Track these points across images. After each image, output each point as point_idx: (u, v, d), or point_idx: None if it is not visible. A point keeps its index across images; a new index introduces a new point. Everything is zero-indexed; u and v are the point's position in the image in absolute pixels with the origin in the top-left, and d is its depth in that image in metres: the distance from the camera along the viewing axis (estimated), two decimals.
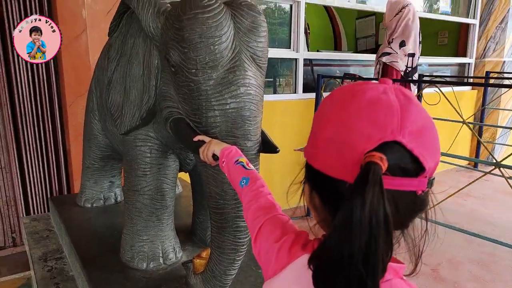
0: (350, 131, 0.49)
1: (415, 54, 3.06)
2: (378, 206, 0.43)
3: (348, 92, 0.53)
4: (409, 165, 0.48)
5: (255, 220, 0.68)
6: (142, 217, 1.27)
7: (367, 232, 0.43)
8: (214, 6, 0.96)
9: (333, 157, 0.50)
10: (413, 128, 0.48)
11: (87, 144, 1.72)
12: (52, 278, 1.43)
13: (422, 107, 0.51)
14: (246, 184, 0.76)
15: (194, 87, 0.98)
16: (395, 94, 0.50)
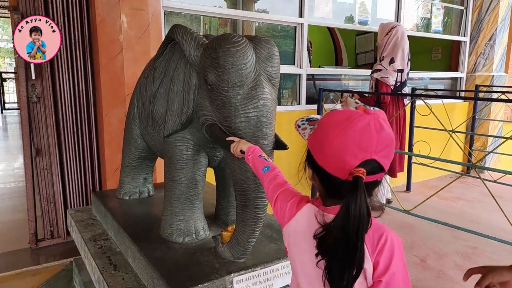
0: (346, 151, 0.78)
1: (403, 70, 3.41)
2: (363, 204, 0.75)
3: (346, 118, 0.79)
4: (376, 169, 0.80)
5: (274, 192, 1.02)
6: (180, 202, 1.62)
7: (358, 219, 0.74)
8: (241, 42, 1.32)
9: (332, 164, 0.81)
10: (381, 147, 0.78)
11: (127, 146, 2.08)
12: (103, 253, 1.77)
13: (389, 130, 0.81)
14: (267, 170, 1.11)
15: (226, 100, 1.34)
16: (374, 124, 0.78)
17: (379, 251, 0.77)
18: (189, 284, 1.30)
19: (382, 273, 0.77)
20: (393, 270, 0.77)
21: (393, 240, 0.79)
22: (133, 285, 1.50)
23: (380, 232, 0.79)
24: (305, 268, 0.87)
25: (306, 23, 3.57)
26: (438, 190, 2.75)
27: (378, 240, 0.78)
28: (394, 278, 0.77)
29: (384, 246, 0.77)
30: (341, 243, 0.74)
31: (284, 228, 0.94)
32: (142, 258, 1.50)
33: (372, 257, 0.77)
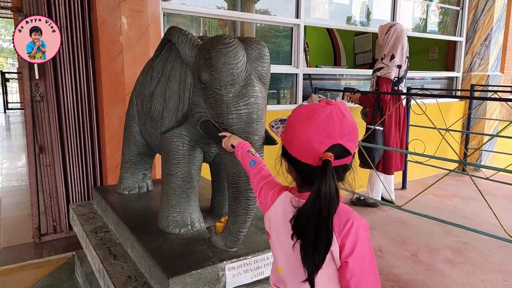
0: (313, 139, 0.87)
1: (401, 66, 3.49)
2: (332, 184, 0.83)
3: (310, 111, 0.88)
4: (344, 153, 0.88)
5: (259, 184, 1.10)
6: (176, 195, 1.70)
7: (329, 198, 0.82)
8: (232, 43, 1.41)
9: (302, 152, 0.89)
10: (345, 133, 0.87)
11: (127, 143, 2.16)
12: (103, 244, 1.85)
13: (350, 118, 0.89)
14: (254, 164, 1.19)
15: (218, 98, 1.42)
16: (336, 113, 0.87)
17: (345, 234, 0.84)
18: (183, 271, 1.38)
19: (348, 254, 0.84)
20: (358, 250, 0.84)
21: (359, 224, 0.85)
22: (132, 273, 1.59)
23: (347, 217, 0.85)
24: (282, 250, 0.95)
25: (302, 24, 3.65)
26: (428, 186, 2.82)
27: (344, 224, 0.84)
28: (359, 259, 0.84)
29: (350, 229, 0.84)
30: (313, 222, 0.82)
31: (265, 215, 1.02)
32: (140, 247, 1.59)
33: (338, 239, 0.84)
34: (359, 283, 0.84)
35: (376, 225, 3.35)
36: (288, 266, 0.95)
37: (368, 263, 0.85)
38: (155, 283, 1.45)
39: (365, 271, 0.85)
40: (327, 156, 0.84)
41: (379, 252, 2.83)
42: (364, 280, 0.84)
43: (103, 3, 2.51)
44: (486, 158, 5.21)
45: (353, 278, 0.84)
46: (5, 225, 3.22)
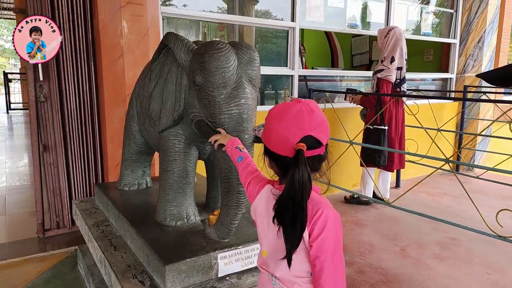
0: (287, 133, 0.97)
1: (402, 68, 3.61)
2: (305, 171, 0.93)
3: (282, 110, 0.99)
4: (316, 144, 0.98)
5: (246, 178, 1.21)
6: (173, 190, 1.81)
7: (302, 184, 0.92)
8: (224, 48, 1.52)
9: (279, 145, 1.00)
10: (315, 125, 0.97)
11: (127, 142, 2.28)
12: (105, 236, 1.97)
13: (319, 113, 1.00)
14: (241, 160, 1.30)
15: (211, 99, 1.53)
16: (305, 108, 0.98)
17: (314, 222, 0.94)
18: (178, 259, 1.50)
19: (315, 238, 0.94)
20: (324, 236, 0.94)
21: (328, 213, 0.95)
22: (131, 262, 1.70)
23: (318, 207, 0.96)
24: (265, 234, 1.06)
25: (297, 27, 3.76)
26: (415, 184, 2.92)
27: (315, 212, 0.95)
28: (324, 243, 0.94)
29: (319, 218, 0.94)
30: (290, 207, 0.92)
31: (252, 205, 1.13)
32: (139, 239, 1.70)
33: (309, 226, 0.94)
34: (322, 265, 0.94)
35: (369, 222, 3.46)
36: (271, 250, 1.06)
37: (332, 248, 0.95)
38: (153, 270, 1.57)
39: (329, 255, 0.94)
40: (300, 146, 0.94)
41: (370, 247, 2.94)
42: (327, 263, 0.94)
43: (105, 8, 2.63)
44: (480, 158, 5.32)
45: (316, 260, 0.94)
46: (10, 222, 3.34)
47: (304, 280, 1.00)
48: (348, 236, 3.13)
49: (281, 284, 1.03)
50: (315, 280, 0.96)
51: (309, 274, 0.99)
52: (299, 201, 0.92)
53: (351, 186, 4.18)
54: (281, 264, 1.00)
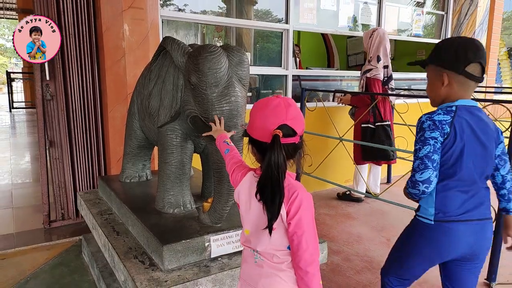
0: (266, 122, 1.14)
1: (388, 66, 3.77)
2: (280, 154, 1.10)
3: (264, 103, 1.15)
4: (291, 132, 1.15)
5: (232, 167, 1.37)
6: (170, 180, 1.98)
7: (277, 165, 1.09)
8: (216, 51, 1.69)
9: (260, 133, 1.16)
10: (291, 116, 1.13)
11: (128, 137, 2.45)
12: (108, 223, 2.14)
13: (295, 107, 1.17)
14: (228, 152, 1.46)
15: (204, 97, 1.70)
16: (283, 102, 1.15)
17: (291, 202, 1.10)
18: (175, 240, 1.67)
19: (292, 217, 1.10)
20: (300, 215, 1.10)
21: (303, 195, 1.11)
22: (132, 245, 1.87)
23: (294, 189, 1.12)
24: (248, 214, 1.23)
25: (291, 29, 3.93)
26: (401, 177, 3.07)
27: (291, 194, 1.11)
28: (300, 221, 1.10)
29: (295, 199, 1.10)
30: (269, 185, 1.09)
31: (236, 189, 1.30)
32: (140, 224, 1.87)
33: (286, 206, 1.10)
34: (299, 240, 1.10)
35: (359, 215, 3.63)
36: (253, 228, 1.23)
37: (307, 225, 1.11)
38: (152, 251, 1.74)
39: (305, 230, 1.10)
40: (276, 132, 1.11)
41: (358, 238, 3.11)
42: (303, 238, 1.10)
43: (108, 12, 2.80)
44: None
45: (294, 235, 1.11)
46: (17, 214, 3.51)
47: (283, 252, 1.17)
48: (338, 227, 3.30)
49: (262, 257, 1.20)
50: (294, 252, 1.12)
51: (287, 248, 1.16)
52: (276, 179, 1.08)
53: (343, 182, 4.34)
54: (262, 240, 1.17)
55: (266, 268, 1.17)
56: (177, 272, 1.63)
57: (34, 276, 2.44)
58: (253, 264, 1.21)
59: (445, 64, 1.45)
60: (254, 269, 1.20)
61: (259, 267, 1.19)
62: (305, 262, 1.10)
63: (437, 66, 1.49)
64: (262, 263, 1.18)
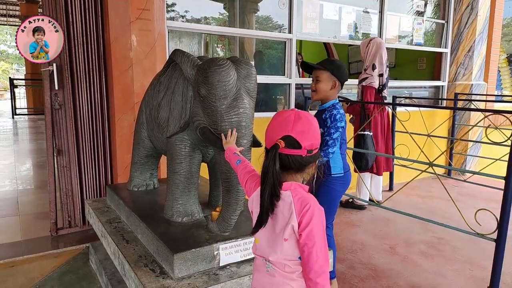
0: (274, 132, 1.20)
1: (383, 74, 3.83)
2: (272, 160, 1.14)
3: (277, 114, 1.23)
4: (295, 144, 1.19)
5: (244, 177, 1.42)
6: (179, 189, 2.02)
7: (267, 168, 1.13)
8: (225, 64, 1.73)
9: (268, 142, 1.21)
10: (298, 129, 1.18)
11: (136, 146, 2.49)
12: (117, 231, 2.18)
13: (306, 121, 1.21)
14: (239, 163, 1.51)
15: (214, 109, 1.75)
16: (293, 115, 1.20)
17: (303, 214, 1.14)
18: (185, 249, 1.70)
19: (303, 228, 1.14)
20: (311, 227, 1.13)
21: (314, 208, 1.15)
22: (142, 253, 1.91)
23: (306, 202, 1.15)
24: None
25: (294, 38, 3.99)
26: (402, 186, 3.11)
27: (303, 207, 1.14)
28: (311, 233, 1.14)
29: (307, 211, 1.14)
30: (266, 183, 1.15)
31: (250, 198, 1.34)
32: (149, 232, 1.91)
33: (298, 217, 1.14)
34: (310, 251, 1.14)
35: (362, 223, 3.66)
36: (264, 237, 1.26)
37: (318, 237, 1.14)
38: (162, 260, 1.78)
39: (316, 242, 1.14)
40: (277, 141, 1.16)
41: (361, 245, 3.14)
42: (313, 249, 1.13)
43: (116, 23, 2.86)
44: (471, 162, 5.52)
45: (305, 246, 1.14)
46: (23, 222, 3.55)
47: (294, 262, 1.20)
48: (341, 235, 3.34)
49: (274, 267, 1.23)
50: (304, 263, 1.16)
51: (298, 258, 1.20)
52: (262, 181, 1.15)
53: None
54: (274, 250, 1.21)
55: (278, 278, 1.21)
56: (187, 280, 1.66)
57: (43, 283, 2.48)
58: (264, 273, 1.25)
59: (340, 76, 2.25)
60: (266, 278, 1.24)
61: (270, 276, 1.23)
62: (315, 273, 1.14)
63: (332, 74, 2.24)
64: (274, 272, 1.22)
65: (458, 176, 5.25)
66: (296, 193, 1.18)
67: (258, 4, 4.45)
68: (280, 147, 1.15)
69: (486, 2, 5.30)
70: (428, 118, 4.85)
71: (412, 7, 5.16)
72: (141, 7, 2.87)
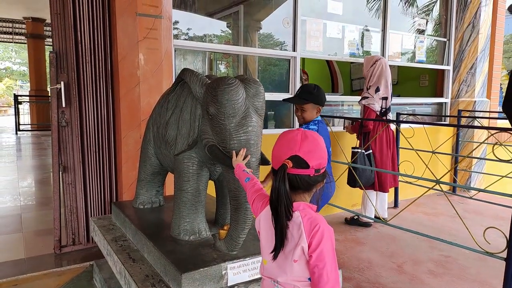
0: (280, 152, 1.20)
1: (387, 98, 3.84)
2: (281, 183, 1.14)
3: (283, 134, 1.23)
4: (303, 164, 1.19)
5: (252, 196, 1.42)
6: (186, 207, 2.01)
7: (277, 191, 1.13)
8: (234, 83, 1.75)
9: (275, 162, 1.22)
10: (305, 149, 1.18)
11: (143, 163, 2.49)
12: (123, 250, 2.16)
13: (312, 140, 1.21)
14: (248, 180, 1.51)
15: (222, 127, 1.75)
16: (300, 135, 1.19)
17: (312, 235, 1.13)
18: (193, 268, 1.68)
19: (313, 250, 1.12)
20: (321, 248, 1.12)
21: (324, 228, 1.14)
22: (149, 273, 1.89)
23: (316, 222, 1.15)
24: (268, 243, 1.26)
25: (299, 56, 4.04)
26: (409, 204, 3.09)
27: (313, 227, 1.14)
28: (321, 254, 1.12)
29: (317, 232, 1.13)
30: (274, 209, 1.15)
31: (257, 217, 1.33)
32: (156, 251, 1.89)
33: (308, 238, 1.13)
34: (321, 272, 1.12)
35: (367, 240, 3.63)
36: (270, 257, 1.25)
37: (328, 258, 1.13)
38: (169, 279, 1.75)
39: (326, 264, 1.12)
40: (285, 161, 1.16)
41: (368, 264, 3.10)
42: (324, 271, 1.12)
43: (124, 42, 2.90)
44: (476, 179, 5.49)
45: (315, 268, 1.13)
46: (26, 239, 3.52)
47: (304, 283, 1.19)
48: (347, 253, 3.30)
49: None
50: (315, 285, 1.14)
51: (307, 279, 1.18)
52: (274, 207, 1.14)
53: (351, 206, 4.35)
54: (283, 271, 1.19)
55: None
56: None
57: None
58: None
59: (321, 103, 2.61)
60: None
61: None
62: None
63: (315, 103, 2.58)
64: None
65: (463, 193, 5.22)
66: (305, 214, 1.17)
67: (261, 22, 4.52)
68: (288, 167, 1.15)
69: (487, 20, 5.38)
70: (432, 134, 4.86)
71: (414, 25, 5.23)
72: (149, 27, 2.92)
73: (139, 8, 2.88)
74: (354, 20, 4.55)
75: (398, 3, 5.00)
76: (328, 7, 4.31)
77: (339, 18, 4.40)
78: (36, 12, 11.96)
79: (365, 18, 4.69)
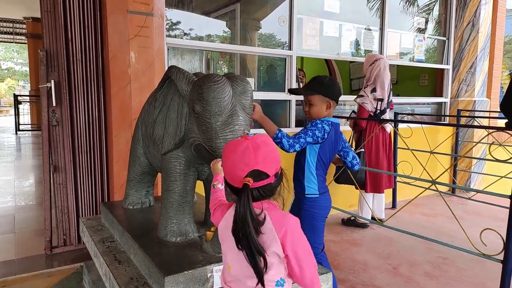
0: (236, 168, 1.09)
1: (383, 99, 3.76)
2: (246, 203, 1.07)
3: (232, 147, 1.13)
4: (263, 175, 1.11)
5: (212, 208, 1.37)
6: (173, 208, 1.97)
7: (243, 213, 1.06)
8: (220, 81, 1.70)
9: (230, 178, 1.14)
10: (260, 160, 1.10)
11: (132, 163, 2.45)
12: (110, 251, 2.11)
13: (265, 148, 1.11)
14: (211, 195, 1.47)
15: (208, 126, 1.71)
16: (252, 145, 1.09)
17: (283, 234, 1.10)
18: (177, 271, 1.63)
19: (289, 250, 1.10)
20: (295, 245, 1.11)
21: (291, 225, 1.12)
22: (134, 275, 1.84)
23: (282, 224, 1.11)
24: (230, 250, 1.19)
25: (294, 55, 3.99)
26: (405, 204, 3.04)
27: (281, 226, 1.10)
28: (297, 251, 1.11)
29: (286, 234, 1.10)
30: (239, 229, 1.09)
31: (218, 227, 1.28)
32: (141, 253, 1.84)
33: (279, 236, 1.10)
34: (301, 266, 1.13)
35: (364, 242, 3.57)
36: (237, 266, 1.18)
37: (304, 251, 1.13)
38: (153, 282, 1.71)
39: (303, 257, 1.13)
40: (246, 180, 1.08)
41: (363, 265, 3.04)
42: (302, 263, 1.12)
43: (115, 40, 2.86)
44: (476, 180, 5.42)
45: (296, 265, 1.13)
46: (19, 239, 3.49)
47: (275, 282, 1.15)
48: (343, 255, 3.25)
49: None
50: (300, 278, 1.15)
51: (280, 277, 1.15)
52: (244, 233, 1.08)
53: (348, 207, 4.29)
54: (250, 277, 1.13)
55: None
56: None
57: None
58: None
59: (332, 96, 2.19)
60: None
61: None
62: (310, 282, 1.16)
63: (324, 96, 2.17)
64: None
65: (462, 193, 5.16)
66: (270, 213, 1.14)
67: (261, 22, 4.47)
68: (250, 186, 1.09)
69: (487, 19, 5.31)
70: (431, 134, 4.80)
71: (413, 24, 5.17)
72: (140, 25, 2.88)
73: (130, 6, 2.84)
74: (352, 19, 4.50)
75: (399, 2, 4.94)
76: (325, 5, 4.26)
77: (336, 17, 4.35)
78: (36, 12, 11.92)
79: (363, 16, 4.64)
